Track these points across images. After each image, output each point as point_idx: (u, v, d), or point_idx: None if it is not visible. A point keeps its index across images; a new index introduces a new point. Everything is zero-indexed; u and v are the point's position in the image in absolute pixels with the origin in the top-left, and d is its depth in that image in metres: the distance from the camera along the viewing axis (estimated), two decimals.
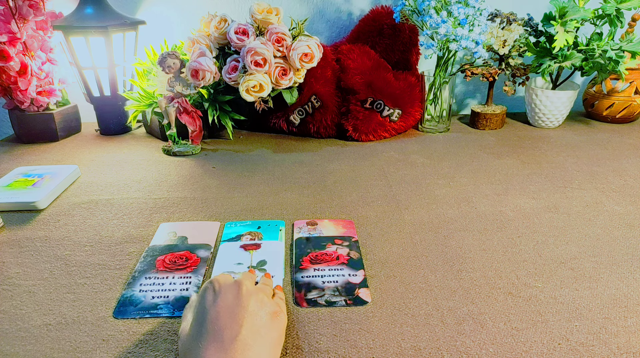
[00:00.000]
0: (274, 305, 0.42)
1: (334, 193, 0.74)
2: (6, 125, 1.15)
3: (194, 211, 0.69)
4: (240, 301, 0.40)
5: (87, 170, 0.84)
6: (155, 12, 1.08)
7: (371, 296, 0.50)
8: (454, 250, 0.58)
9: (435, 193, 0.74)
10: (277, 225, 0.64)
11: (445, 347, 0.43)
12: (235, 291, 0.41)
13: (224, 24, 0.91)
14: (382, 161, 0.87)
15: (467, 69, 1.03)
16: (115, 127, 1.04)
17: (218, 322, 0.38)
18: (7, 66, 0.89)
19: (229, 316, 0.38)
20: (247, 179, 0.80)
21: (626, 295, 0.50)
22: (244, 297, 0.40)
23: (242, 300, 0.40)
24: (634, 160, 0.87)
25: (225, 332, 0.37)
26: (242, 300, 0.40)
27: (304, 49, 0.88)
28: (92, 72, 0.96)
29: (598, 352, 0.42)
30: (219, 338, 0.37)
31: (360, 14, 1.11)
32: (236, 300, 0.40)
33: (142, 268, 0.55)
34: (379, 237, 0.61)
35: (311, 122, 0.98)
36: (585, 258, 0.56)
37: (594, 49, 0.92)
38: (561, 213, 0.67)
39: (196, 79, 0.85)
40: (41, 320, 0.47)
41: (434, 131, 1.04)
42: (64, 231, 0.64)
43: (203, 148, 0.95)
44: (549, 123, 1.06)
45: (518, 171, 0.82)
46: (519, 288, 0.51)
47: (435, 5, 0.86)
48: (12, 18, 0.88)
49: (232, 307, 0.39)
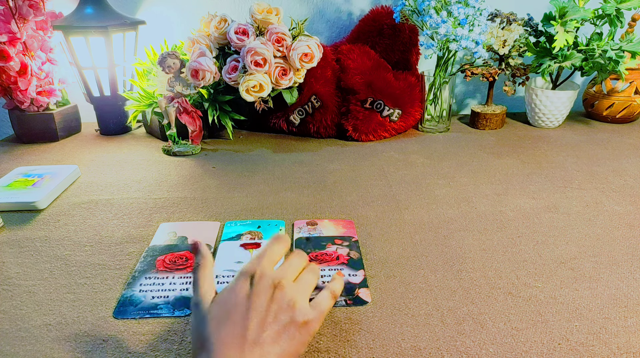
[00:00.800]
0: (306, 313, 0.40)
1: (334, 193, 0.74)
2: (6, 125, 1.15)
3: (194, 211, 0.69)
4: (272, 306, 0.38)
5: (87, 170, 0.84)
6: (155, 12, 1.08)
7: (371, 296, 0.50)
8: (454, 250, 0.58)
9: (435, 193, 0.74)
10: (277, 224, 0.64)
11: (445, 347, 0.43)
12: (270, 293, 0.39)
13: (224, 24, 0.91)
14: (382, 161, 0.87)
15: (467, 69, 1.03)
16: (115, 127, 1.04)
17: (246, 320, 0.37)
18: (7, 66, 0.89)
19: (257, 317, 0.37)
20: (247, 179, 0.80)
21: (626, 295, 0.50)
22: (276, 303, 0.38)
23: (274, 305, 0.38)
24: (634, 160, 0.87)
25: (249, 331, 0.36)
26: (274, 305, 0.38)
27: (304, 49, 0.88)
28: (92, 72, 0.96)
29: (598, 352, 0.42)
30: (241, 335, 0.36)
31: (360, 14, 1.11)
32: (269, 303, 0.38)
33: (142, 268, 0.55)
34: (379, 237, 0.61)
35: (311, 122, 0.98)
36: (585, 258, 0.56)
37: (594, 49, 0.92)
38: (561, 213, 0.67)
39: (196, 79, 0.85)
40: (41, 320, 0.47)
41: (434, 131, 1.04)
42: (64, 231, 0.64)
43: (203, 148, 0.95)
44: (549, 123, 1.06)
45: (518, 171, 0.82)
46: (519, 288, 0.51)
47: (435, 5, 0.86)
48: (12, 18, 0.88)
49: (263, 311, 0.38)
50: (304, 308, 0.40)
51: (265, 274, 0.40)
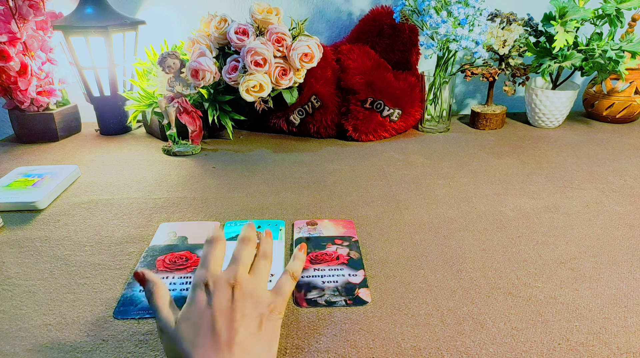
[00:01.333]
0: (270, 300, 0.41)
1: (334, 193, 0.74)
2: (6, 125, 1.15)
3: (194, 211, 0.69)
4: (235, 305, 0.39)
5: (87, 170, 0.84)
6: (155, 12, 1.08)
7: (371, 296, 0.50)
8: (454, 250, 0.58)
9: (435, 193, 0.74)
10: (277, 224, 0.64)
11: (445, 347, 0.43)
12: (229, 295, 0.40)
13: (224, 24, 0.91)
14: (382, 161, 0.87)
15: (467, 69, 1.03)
16: (115, 127, 1.04)
17: (214, 326, 0.37)
18: (7, 66, 0.89)
19: (225, 319, 0.38)
20: (247, 179, 0.80)
21: (626, 295, 0.50)
22: (238, 301, 0.39)
23: (237, 304, 0.39)
24: (634, 160, 0.87)
25: (222, 336, 0.37)
26: (237, 303, 0.39)
27: (304, 49, 0.88)
28: (92, 72, 0.96)
29: (598, 352, 0.42)
30: (215, 342, 0.36)
31: (360, 14, 1.11)
32: (231, 303, 0.39)
33: (142, 268, 0.55)
34: (379, 237, 0.61)
35: (311, 122, 0.98)
36: (585, 258, 0.56)
37: (594, 49, 0.92)
38: (561, 213, 0.67)
39: (196, 79, 0.85)
40: (41, 320, 0.47)
41: (434, 131, 1.04)
42: (64, 231, 0.64)
43: (203, 148, 0.95)
44: (549, 123, 1.06)
45: (518, 171, 0.82)
46: (519, 288, 0.51)
47: (435, 5, 0.86)
48: (12, 18, 0.88)
49: (227, 311, 0.38)
50: (266, 297, 0.41)
51: (218, 277, 0.41)
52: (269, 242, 0.48)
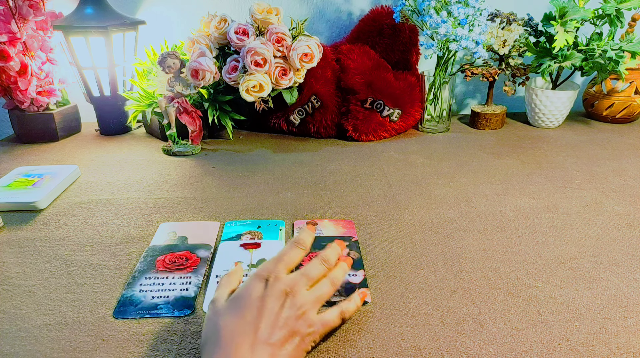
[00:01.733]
0: (312, 325, 0.41)
1: (334, 193, 0.74)
2: (6, 125, 1.15)
3: (194, 211, 0.69)
4: (282, 313, 0.40)
5: (87, 170, 0.84)
6: (155, 12, 1.08)
7: (371, 296, 0.50)
8: (454, 250, 0.58)
9: (435, 193, 0.74)
10: (277, 224, 0.64)
11: (445, 347, 0.43)
12: (282, 301, 0.40)
13: (224, 24, 0.91)
14: (382, 161, 0.87)
15: (467, 69, 1.03)
16: (115, 127, 1.04)
17: (257, 318, 0.38)
18: (7, 66, 0.89)
19: (268, 319, 0.39)
20: (247, 179, 0.80)
21: (626, 295, 0.50)
22: (285, 309, 0.40)
23: (283, 312, 0.40)
24: (634, 160, 0.87)
25: (260, 331, 0.38)
26: (284, 311, 0.40)
27: (304, 49, 0.88)
28: (92, 72, 0.96)
29: (598, 352, 0.42)
30: (251, 331, 0.38)
31: (360, 14, 1.11)
32: (281, 310, 0.40)
33: (142, 268, 0.55)
34: (379, 237, 0.61)
35: (311, 122, 0.98)
36: (585, 258, 0.56)
37: (594, 49, 0.92)
38: (561, 213, 0.67)
39: (196, 79, 0.85)
40: (41, 320, 0.47)
41: (434, 131, 1.04)
42: (64, 231, 0.64)
43: (203, 148, 0.95)
44: (549, 123, 1.06)
45: (518, 171, 0.82)
46: (519, 288, 0.51)
47: (435, 5, 0.86)
48: (12, 18, 0.88)
49: (274, 314, 0.39)
50: (311, 320, 0.41)
51: (280, 278, 0.42)
52: (344, 269, 0.47)
